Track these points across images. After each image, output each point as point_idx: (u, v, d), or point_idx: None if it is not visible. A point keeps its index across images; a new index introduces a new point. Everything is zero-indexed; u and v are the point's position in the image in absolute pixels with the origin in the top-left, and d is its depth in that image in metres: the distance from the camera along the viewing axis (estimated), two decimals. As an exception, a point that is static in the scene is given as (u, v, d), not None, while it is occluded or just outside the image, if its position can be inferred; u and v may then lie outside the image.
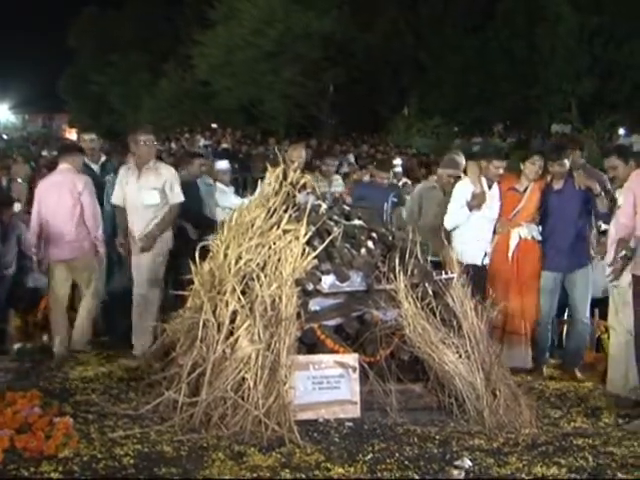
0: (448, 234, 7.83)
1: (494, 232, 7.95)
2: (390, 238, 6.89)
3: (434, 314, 6.32)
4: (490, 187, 7.94)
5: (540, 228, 7.87)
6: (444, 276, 6.58)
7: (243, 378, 5.80)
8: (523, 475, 5.14)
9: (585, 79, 29.72)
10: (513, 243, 7.83)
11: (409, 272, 6.42)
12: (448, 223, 7.96)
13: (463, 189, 7.94)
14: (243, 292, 6.12)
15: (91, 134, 8.90)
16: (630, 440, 5.88)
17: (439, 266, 7.20)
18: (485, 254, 7.91)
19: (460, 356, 6.19)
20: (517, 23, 31.34)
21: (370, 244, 6.76)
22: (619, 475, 5.14)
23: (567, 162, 7.77)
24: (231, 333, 5.99)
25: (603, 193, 7.46)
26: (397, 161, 14.46)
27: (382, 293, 6.44)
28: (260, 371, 5.78)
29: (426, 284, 6.46)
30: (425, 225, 8.09)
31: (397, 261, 6.41)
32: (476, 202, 7.82)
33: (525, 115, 30.02)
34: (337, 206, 7.11)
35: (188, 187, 8.17)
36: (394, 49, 33.20)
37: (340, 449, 5.47)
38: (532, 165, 7.82)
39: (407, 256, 6.50)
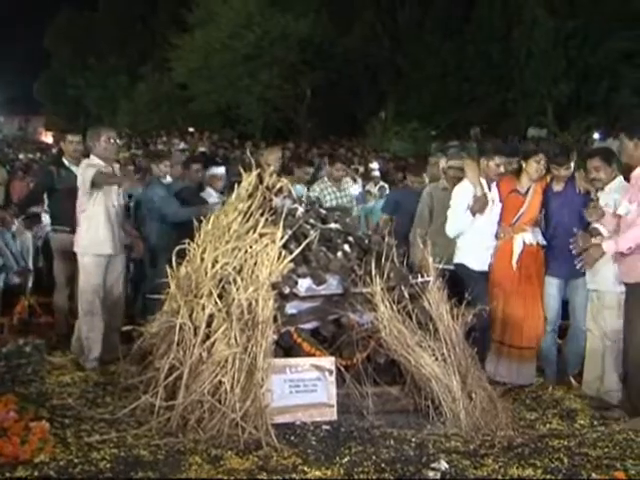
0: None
1: (496, 237, 7.48)
2: (366, 242, 6.91)
3: (410, 317, 6.35)
4: (489, 188, 7.47)
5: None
6: (420, 279, 6.60)
7: (220, 381, 5.79)
8: (499, 477, 5.17)
9: (561, 82, 29.92)
10: (517, 249, 7.38)
11: (385, 275, 6.44)
12: (451, 230, 7.46)
13: (463, 192, 7.40)
14: (220, 296, 6.12)
15: (76, 135, 8.83)
16: (604, 441, 5.94)
17: (453, 274, 7.20)
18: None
19: (436, 359, 6.21)
20: (494, 27, 31.50)
21: (346, 247, 6.77)
22: (594, 476, 5.18)
23: (572, 166, 7.38)
24: (208, 337, 5.99)
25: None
26: (374, 165, 14.53)
27: (358, 296, 6.45)
28: (237, 374, 5.78)
29: (402, 287, 6.48)
30: (436, 230, 7.70)
31: (373, 264, 6.43)
32: (478, 206, 7.30)
33: (502, 119, 30.17)
34: (313, 210, 7.11)
35: (189, 194, 8.21)
36: (372, 53, 33.28)
37: (317, 452, 5.49)
38: (537, 164, 7.34)
39: (383, 259, 6.52)
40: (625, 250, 6.38)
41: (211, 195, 8.75)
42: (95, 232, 7.56)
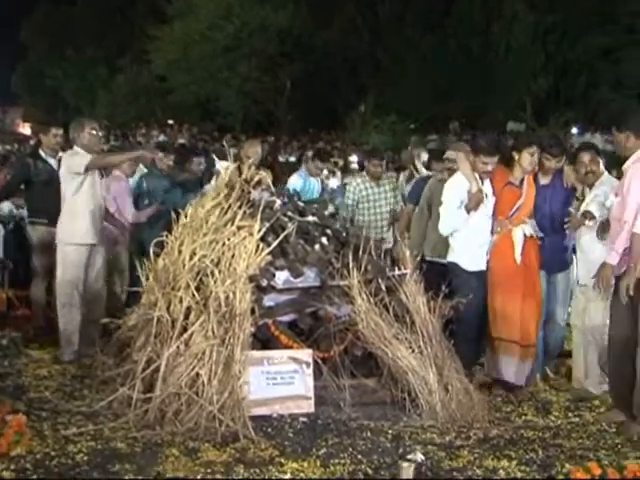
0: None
1: (491, 232, 7.16)
2: (344, 234, 6.93)
3: (387, 310, 6.39)
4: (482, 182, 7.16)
5: None
6: (397, 272, 6.63)
7: (197, 374, 5.81)
8: (474, 468, 5.21)
9: (539, 77, 30.04)
10: (519, 242, 7.07)
11: (362, 268, 6.46)
12: (444, 228, 7.22)
13: (457, 188, 7.13)
14: (197, 288, 6.13)
15: (60, 128, 8.79)
16: (578, 433, 6.03)
17: (445, 269, 7.21)
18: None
19: (413, 351, 6.26)
20: (474, 21, 31.58)
21: (324, 240, 6.79)
22: (567, 466, 5.23)
23: (563, 158, 7.27)
24: (185, 329, 6.00)
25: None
26: (353, 158, 14.56)
27: (336, 289, 6.48)
28: (214, 367, 5.80)
29: (379, 280, 6.51)
30: (435, 223, 7.51)
31: (351, 257, 6.45)
32: (474, 202, 7.01)
33: (481, 113, 30.24)
34: (291, 202, 7.12)
35: (192, 185, 8.23)
36: (351, 46, 33.25)
37: (294, 444, 5.51)
38: (530, 156, 7.06)
39: (361, 252, 6.54)
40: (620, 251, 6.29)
41: None
42: (78, 221, 7.55)
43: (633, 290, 5.93)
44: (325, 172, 10.56)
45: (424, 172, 9.36)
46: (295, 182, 10.02)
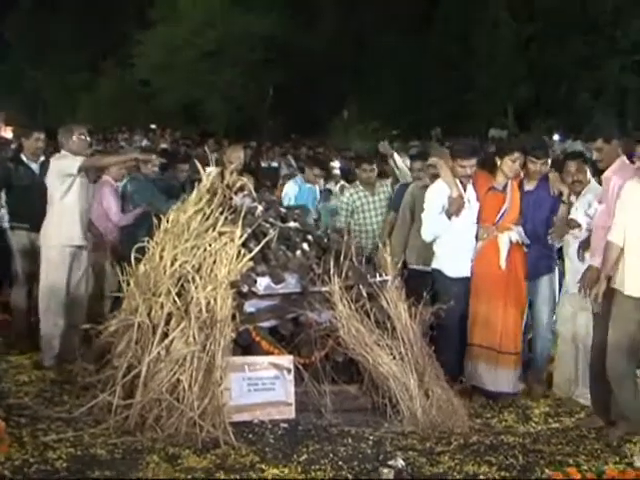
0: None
1: (476, 238, 7.09)
2: (325, 240, 6.94)
3: (368, 316, 6.40)
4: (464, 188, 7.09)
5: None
6: (378, 278, 6.64)
7: (178, 380, 5.79)
8: (455, 474, 5.24)
9: (521, 85, 30.22)
10: (504, 248, 6.98)
11: (344, 274, 6.48)
12: (426, 234, 7.14)
13: (438, 193, 7.05)
14: (178, 294, 6.11)
15: (42, 132, 8.75)
16: (558, 438, 6.05)
17: (429, 276, 7.16)
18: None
19: (394, 357, 6.26)
20: (455, 28, 31.72)
21: (305, 246, 6.80)
22: (547, 472, 5.26)
23: (549, 161, 7.31)
24: (166, 335, 5.99)
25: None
26: (335, 164, 14.52)
27: (317, 295, 6.48)
28: (195, 373, 5.79)
29: (360, 286, 6.52)
30: (418, 231, 7.38)
31: (332, 263, 6.46)
32: (455, 208, 6.92)
33: (463, 119, 30.38)
34: (273, 208, 7.12)
35: (178, 191, 8.27)
36: (334, 52, 33.33)
37: (275, 450, 5.51)
38: (512, 163, 7.00)
39: (342, 258, 6.55)
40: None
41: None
42: (65, 223, 7.53)
43: (604, 296, 5.99)
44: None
45: (406, 171, 9.22)
46: (291, 189, 9.96)
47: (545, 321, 7.34)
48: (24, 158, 8.51)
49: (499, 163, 7.10)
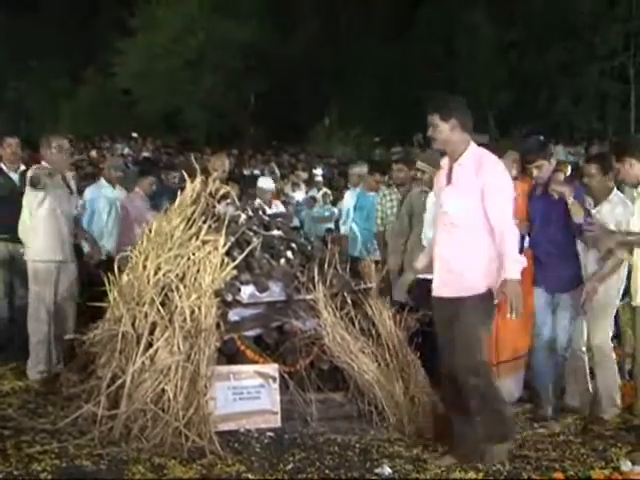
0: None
1: None
2: (309, 248, 6.93)
3: (353, 323, 6.39)
4: None
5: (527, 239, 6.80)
6: (362, 286, 6.64)
7: (163, 390, 5.76)
8: (441, 481, 5.24)
9: (502, 90, 30.39)
10: None
11: (328, 282, 6.48)
12: (424, 239, 6.98)
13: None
14: (162, 303, 6.08)
15: (14, 138, 8.65)
16: (544, 444, 6.04)
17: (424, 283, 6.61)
18: None
19: (379, 365, 6.26)
20: (436, 33, 31.87)
21: (289, 254, 6.81)
22: (534, 477, 5.27)
23: (547, 164, 6.72)
24: (150, 345, 5.95)
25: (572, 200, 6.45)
26: (318, 171, 14.58)
27: (301, 303, 6.48)
28: (180, 382, 5.76)
29: (345, 294, 6.52)
30: (417, 239, 7.31)
31: (316, 271, 6.46)
32: None
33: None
34: (256, 216, 7.12)
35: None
36: (315, 58, 33.39)
37: (261, 459, 5.49)
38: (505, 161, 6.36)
39: (326, 266, 6.55)
40: None
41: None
42: (40, 238, 7.45)
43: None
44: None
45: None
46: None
47: (560, 341, 6.66)
48: (4, 167, 8.43)
49: None
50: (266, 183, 9.74)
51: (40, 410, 6.43)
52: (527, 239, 6.84)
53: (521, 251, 6.25)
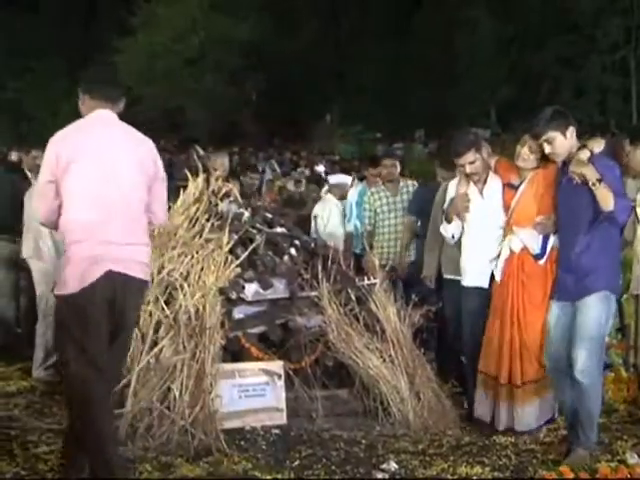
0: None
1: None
2: (312, 245, 6.93)
3: (357, 320, 6.39)
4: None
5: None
6: (367, 282, 6.64)
7: (168, 388, 5.76)
8: (448, 475, 5.23)
9: (503, 85, 30.37)
10: (501, 259, 5.87)
11: (332, 278, 6.47)
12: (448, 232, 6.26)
13: (448, 195, 6.32)
14: (167, 302, 6.07)
15: (39, 150, 8.68)
16: (550, 437, 6.04)
17: (455, 284, 6.39)
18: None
19: (384, 360, 6.26)
20: (436, 30, 31.83)
21: (293, 251, 6.80)
22: (540, 471, 5.27)
23: (561, 137, 5.43)
24: (155, 343, 5.95)
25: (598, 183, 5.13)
26: (320, 168, 14.58)
27: (305, 300, 6.48)
28: (185, 381, 5.76)
29: (349, 290, 6.52)
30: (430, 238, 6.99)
31: (320, 268, 6.46)
32: (452, 209, 6.07)
33: (445, 121, 30.50)
34: (259, 214, 7.12)
35: None
36: (316, 56, 33.38)
37: (267, 456, 5.49)
38: (521, 147, 5.79)
39: (330, 262, 6.55)
40: None
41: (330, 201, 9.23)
42: (34, 239, 7.49)
43: None
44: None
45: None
46: (353, 197, 9.80)
47: (581, 363, 5.34)
48: (29, 175, 8.40)
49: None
50: (340, 179, 9.91)
51: (46, 410, 6.44)
52: (552, 239, 5.78)
53: (542, 255, 5.75)
